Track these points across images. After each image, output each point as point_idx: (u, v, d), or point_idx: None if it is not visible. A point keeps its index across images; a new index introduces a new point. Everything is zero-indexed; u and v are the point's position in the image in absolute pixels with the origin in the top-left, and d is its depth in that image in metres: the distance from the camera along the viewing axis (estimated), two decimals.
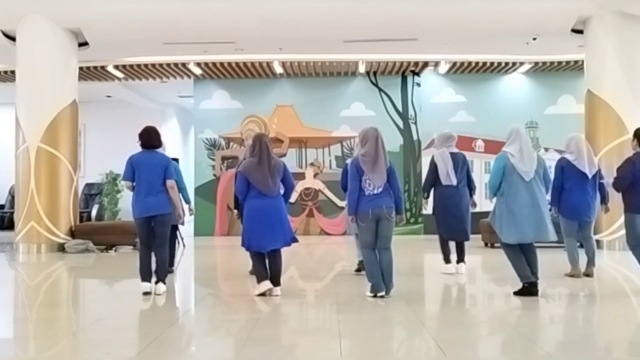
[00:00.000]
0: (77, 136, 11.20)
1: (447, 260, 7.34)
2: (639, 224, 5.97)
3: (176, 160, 12.66)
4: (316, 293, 5.97)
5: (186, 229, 12.40)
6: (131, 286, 6.94)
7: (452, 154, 7.16)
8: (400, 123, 13.89)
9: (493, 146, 13.18)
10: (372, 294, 5.69)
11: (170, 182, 6.05)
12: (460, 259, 7.26)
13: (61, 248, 10.26)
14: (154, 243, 6.10)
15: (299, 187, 13.72)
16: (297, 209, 13.72)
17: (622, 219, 9.38)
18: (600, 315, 5.41)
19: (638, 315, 5.50)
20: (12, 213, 11.90)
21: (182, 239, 11.29)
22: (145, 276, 6.05)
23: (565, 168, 6.84)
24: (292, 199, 13.78)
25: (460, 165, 7.15)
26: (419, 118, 13.85)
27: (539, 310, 5.57)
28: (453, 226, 7.10)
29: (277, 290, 5.89)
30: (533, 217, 5.56)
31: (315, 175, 13.87)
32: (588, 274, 6.94)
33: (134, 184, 6.06)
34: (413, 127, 13.80)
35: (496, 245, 10.46)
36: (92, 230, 10.69)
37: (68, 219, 10.52)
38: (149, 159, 6.06)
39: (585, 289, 6.41)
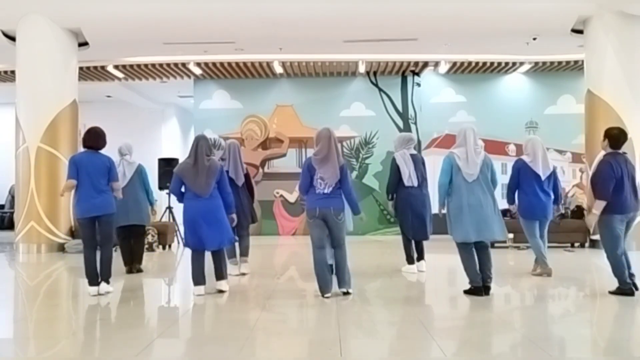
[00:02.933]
0: (77, 136, 11.18)
1: (410, 260, 7.46)
2: (616, 226, 5.66)
3: (172, 160, 12.71)
4: (316, 293, 5.98)
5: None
6: (131, 286, 6.94)
7: (411, 155, 7.28)
8: (400, 123, 13.89)
9: (493, 146, 13.20)
10: (320, 294, 5.79)
11: (117, 185, 6.20)
12: (421, 257, 7.44)
13: (61, 248, 10.26)
14: (100, 243, 6.18)
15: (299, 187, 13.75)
16: (297, 209, 13.73)
17: None
18: (600, 316, 5.41)
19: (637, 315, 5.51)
20: (12, 213, 11.91)
21: (182, 238, 11.28)
22: (93, 279, 6.06)
23: (521, 170, 7.01)
24: (292, 199, 13.81)
25: (421, 166, 7.31)
26: (419, 118, 13.85)
27: (538, 310, 5.58)
28: (417, 226, 7.25)
29: (223, 284, 6.13)
30: (474, 218, 5.68)
31: None
32: (533, 270, 7.16)
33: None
34: (413, 127, 13.80)
35: (496, 245, 10.47)
36: None
37: (68, 219, 10.51)
38: (92, 159, 6.09)
39: (586, 289, 6.41)
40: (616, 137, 5.86)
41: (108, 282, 6.16)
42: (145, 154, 15.53)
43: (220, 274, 6.14)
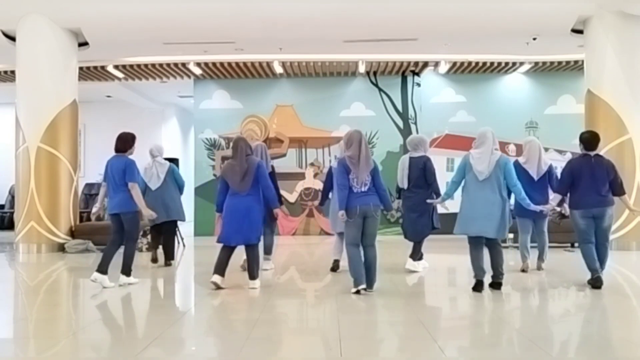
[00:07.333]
0: (77, 136, 11.20)
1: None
2: (578, 221, 6.24)
3: (172, 160, 12.74)
4: (316, 293, 5.99)
5: (186, 229, 12.42)
6: (131, 286, 6.94)
7: (410, 158, 7.53)
8: (400, 123, 13.89)
9: None
10: (355, 289, 5.92)
11: (131, 184, 6.53)
12: (412, 255, 7.59)
13: (61, 248, 10.26)
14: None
15: (299, 187, 13.74)
16: (297, 209, 13.73)
17: (623, 218, 9.51)
18: (601, 316, 5.41)
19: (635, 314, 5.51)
20: (12, 213, 11.90)
21: (182, 238, 11.29)
22: (104, 270, 6.49)
23: (516, 170, 7.22)
24: (292, 199, 13.81)
25: (417, 170, 7.46)
26: (419, 118, 13.84)
27: (538, 310, 5.58)
28: (405, 227, 7.77)
29: (253, 283, 6.35)
30: (478, 214, 5.93)
31: (315, 175, 13.86)
32: (537, 268, 7.45)
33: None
34: (413, 127, 13.79)
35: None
36: (92, 230, 10.65)
37: (68, 219, 10.52)
38: (115, 162, 6.68)
39: (586, 290, 6.41)
40: (587, 140, 6.40)
41: (128, 275, 6.65)
42: (145, 154, 15.57)
43: (251, 273, 6.38)
